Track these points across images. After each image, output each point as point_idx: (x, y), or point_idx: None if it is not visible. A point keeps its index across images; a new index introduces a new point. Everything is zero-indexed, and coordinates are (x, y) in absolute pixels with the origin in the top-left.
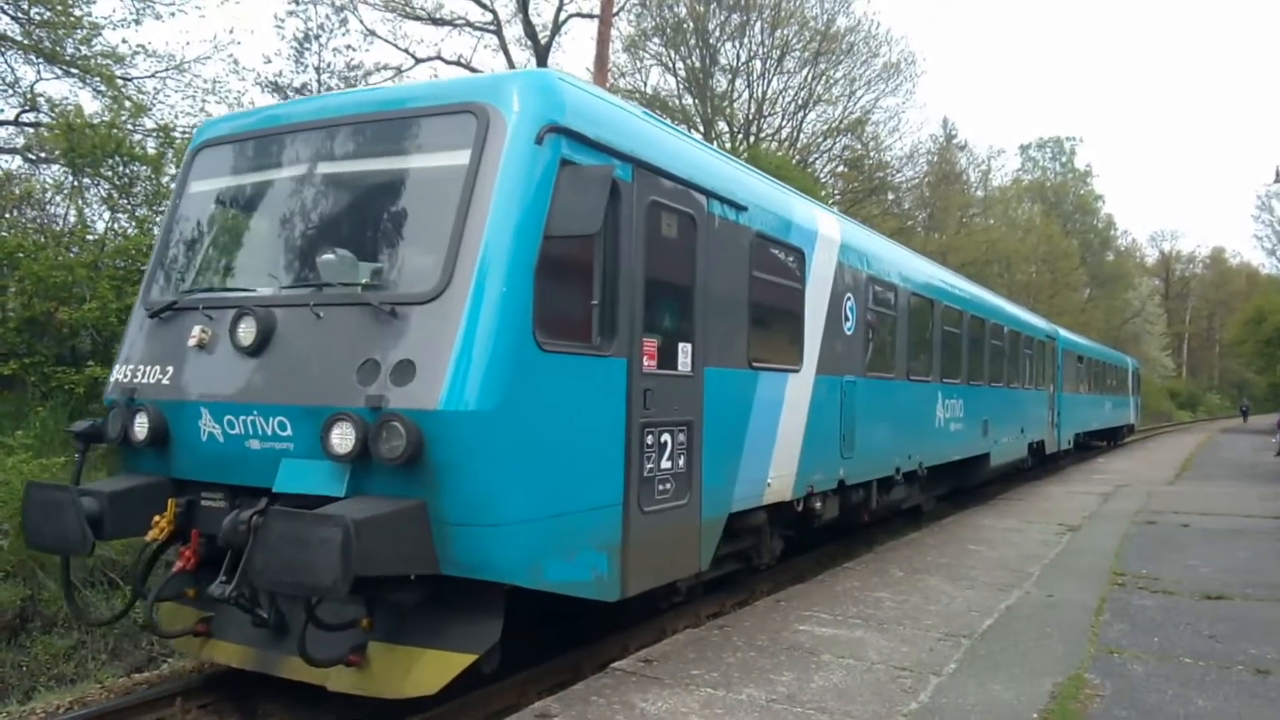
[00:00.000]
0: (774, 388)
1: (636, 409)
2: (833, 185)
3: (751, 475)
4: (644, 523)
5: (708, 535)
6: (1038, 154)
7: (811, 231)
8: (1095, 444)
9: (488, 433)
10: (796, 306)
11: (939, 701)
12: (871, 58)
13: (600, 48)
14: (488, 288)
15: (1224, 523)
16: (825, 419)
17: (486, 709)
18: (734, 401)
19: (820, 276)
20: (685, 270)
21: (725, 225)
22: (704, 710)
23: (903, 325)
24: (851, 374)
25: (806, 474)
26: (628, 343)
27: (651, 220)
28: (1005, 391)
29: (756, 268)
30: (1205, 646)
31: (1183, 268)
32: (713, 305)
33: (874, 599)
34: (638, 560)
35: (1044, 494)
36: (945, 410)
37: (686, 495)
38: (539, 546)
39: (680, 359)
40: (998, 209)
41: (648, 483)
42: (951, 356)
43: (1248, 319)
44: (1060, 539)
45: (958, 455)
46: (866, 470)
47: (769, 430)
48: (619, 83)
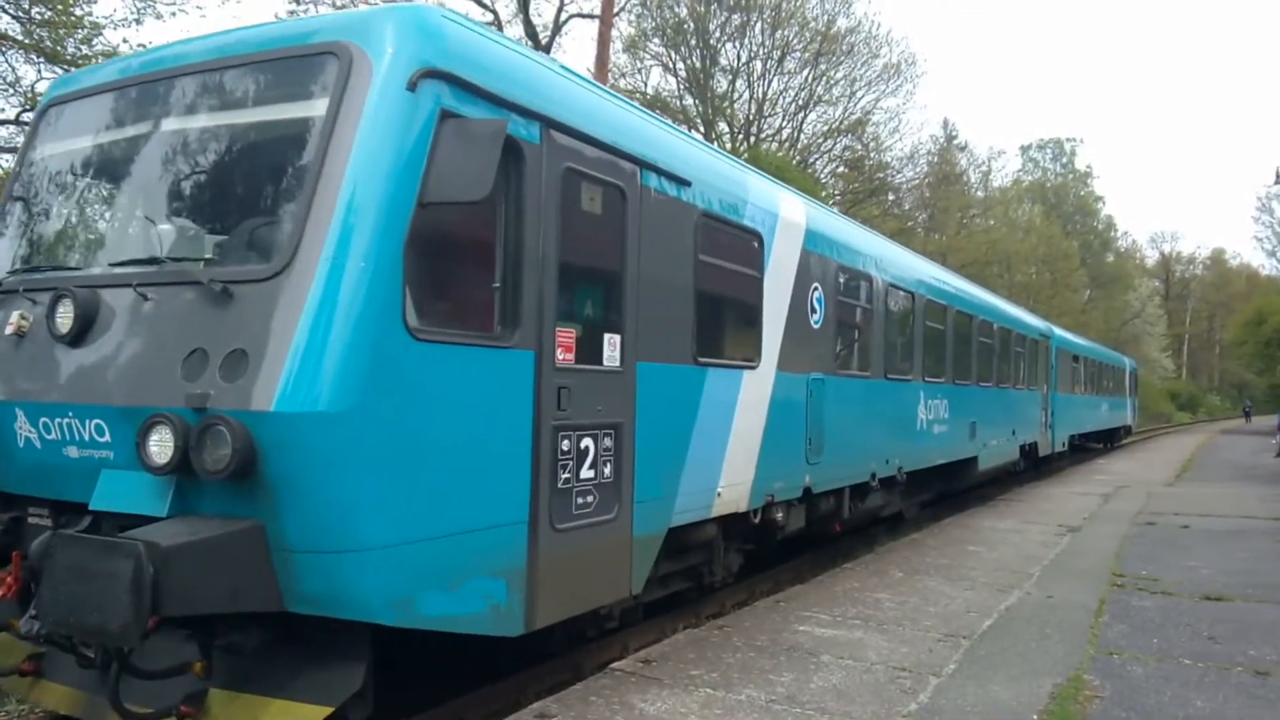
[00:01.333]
0: (725, 386)
1: (548, 410)
2: (833, 186)
3: (698, 484)
4: (557, 542)
5: (641, 554)
6: (1038, 155)
7: (771, 214)
8: (1092, 446)
9: (339, 439)
10: (753, 296)
11: (938, 702)
12: (872, 58)
13: (601, 48)
14: (341, 263)
15: (1224, 524)
16: (788, 421)
17: (485, 709)
18: (675, 401)
19: (782, 264)
20: (612, 251)
21: (664, 202)
22: (703, 711)
23: (879, 320)
24: (820, 372)
25: (765, 482)
26: (536, 333)
27: (568, 191)
28: (995, 392)
29: (704, 251)
30: (1205, 648)
31: (1183, 269)
32: (649, 292)
33: (873, 600)
34: (548, 586)
35: (1044, 495)
36: (928, 411)
37: (614, 508)
38: (411, 575)
39: (606, 352)
40: (998, 210)
41: (562, 495)
42: (936, 354)
43: (1248, 320)
44: (1060, 540)
45: (942, 459)
46: (837, 477)
47: (719, 434)
48: (619, 83)
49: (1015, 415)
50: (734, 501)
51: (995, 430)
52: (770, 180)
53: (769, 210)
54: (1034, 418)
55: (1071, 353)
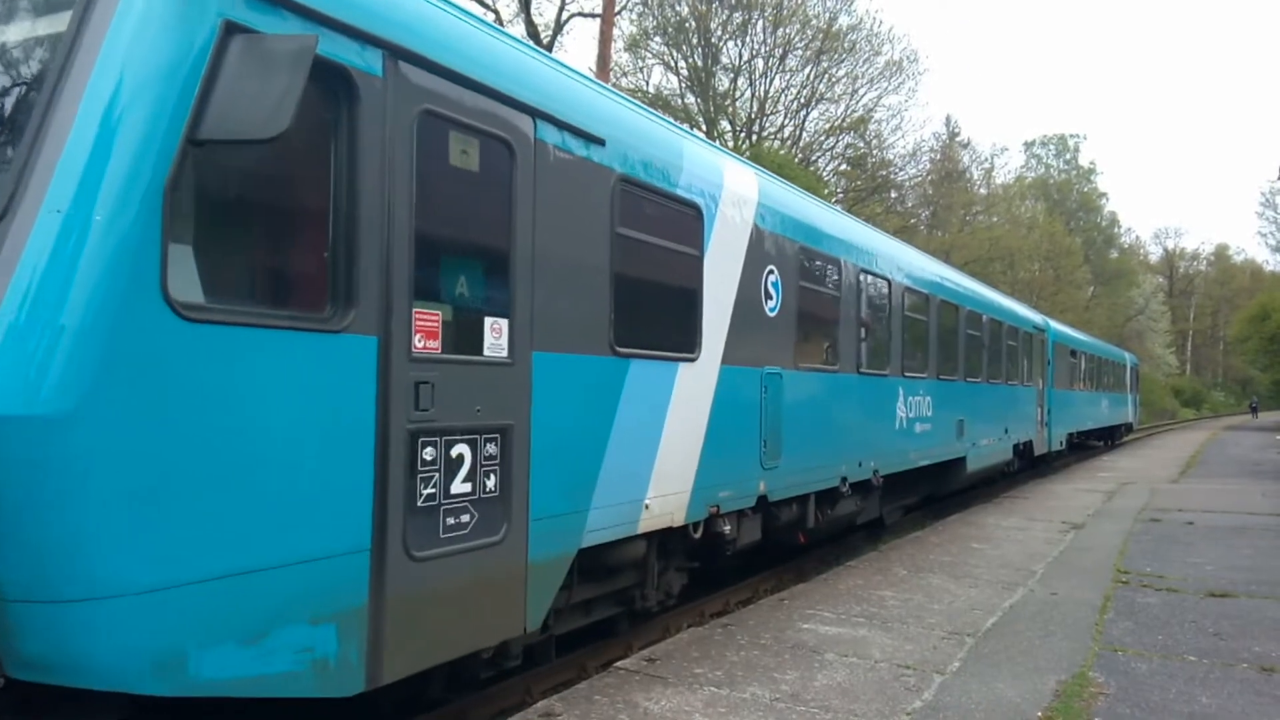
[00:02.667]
0: (654, 381)
1: (400, 410)
2: (836, 184)
3: (617, 496)
4: (416, 574)
5: (540, 581)
6: (1041, 151)
7: (713, 184)
8: (1092, 444)
9: (62, 450)
10: (690, 278)
11: (943, 700)
12: (874, 56)
13: (602, 47)
14: (73, 215)
15: (1228, 520)
16: (737, 421)
17: (491, 708)
18: (586, 399)
19: (727, 242)
20: (496, 218)
21: (569, 162)
22: (707, 709)
23: (850, 310)
24: (776, 365)
25: (708, 490)
26: (381, 314)
27: (429, 140)
28: (985, 388)
29: (624, 224)
30: (1209, 644)
31: (1186, 265)
32: (549, 270)
33: (877, 597)
34: (402, 630)
35: (1048, 492)
36: (908, 409)
37: (500, 529)
38: (182, 629)
39: (489, 340)
40: (1001, 207)
41: (424, 516)
42: (917, 347)
43: (1252, 316)
44: (1064, 537)
45: (925, 460)
46: (799, 482)
47: (646, 436)
48: (621, 82)
49: (1008, 413)
50: (667, 514)
51: (985, 429)
52: (713, 146)
53: (710, 180)
54: (1029, 415)
55: (1069, 347)
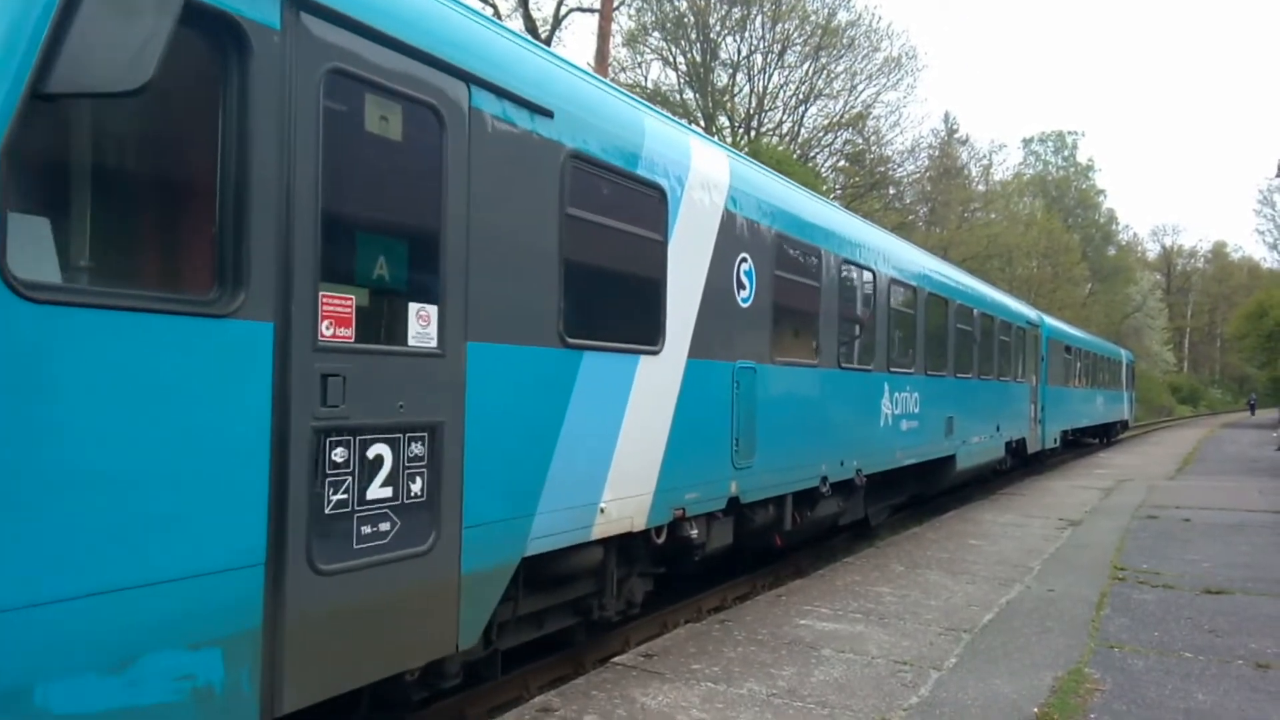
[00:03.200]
0: (611, 375)
1: (303, 405)
2: (834, 180)
3: (568, 499)
4: (322, 590)
5: (475, 594)
6: (1039, 148)
7: (678, 164)
8: (1088, 441)
9: None
10: (652, 265)
11: (939, 695)
12: (872, 52)
13: (601, 42)
14: None
15: (1225, 517)
16: (705, 418)
17: (488, 703)
18: (531, 394)
19: (695, 227)
20: (424, 193)
21: (510, 135)
22: (705, 704)
23: (831, 300)
24: (750, 359)
25: (672, 492)
26: (279, 297)
27: (339, 103)
28: (976, 384)
29: (575, 204)
30: (1206, 641)
31: (1184, 262)
32: (486, 252)
33: (874, 593)
34: (306, 652)
35: (1045, 488)
36: (894, 405)
37: (428, 537)
38: (27, 656)
39: (414, 328)
40: (999, 203)
41: (332, 524)
42: (904, 341)
43: (1249, 313)
44: (1061, 534)
45: (912, 459)
46: (775, 483)
47: (601, 434)
48: (619, 77)
49: (1000, 409)
50: (626, 518)
51: (976, 426)
52: (678, 124)
53: (675, 160)
54: (1022, 412)
55: (1064, 343)
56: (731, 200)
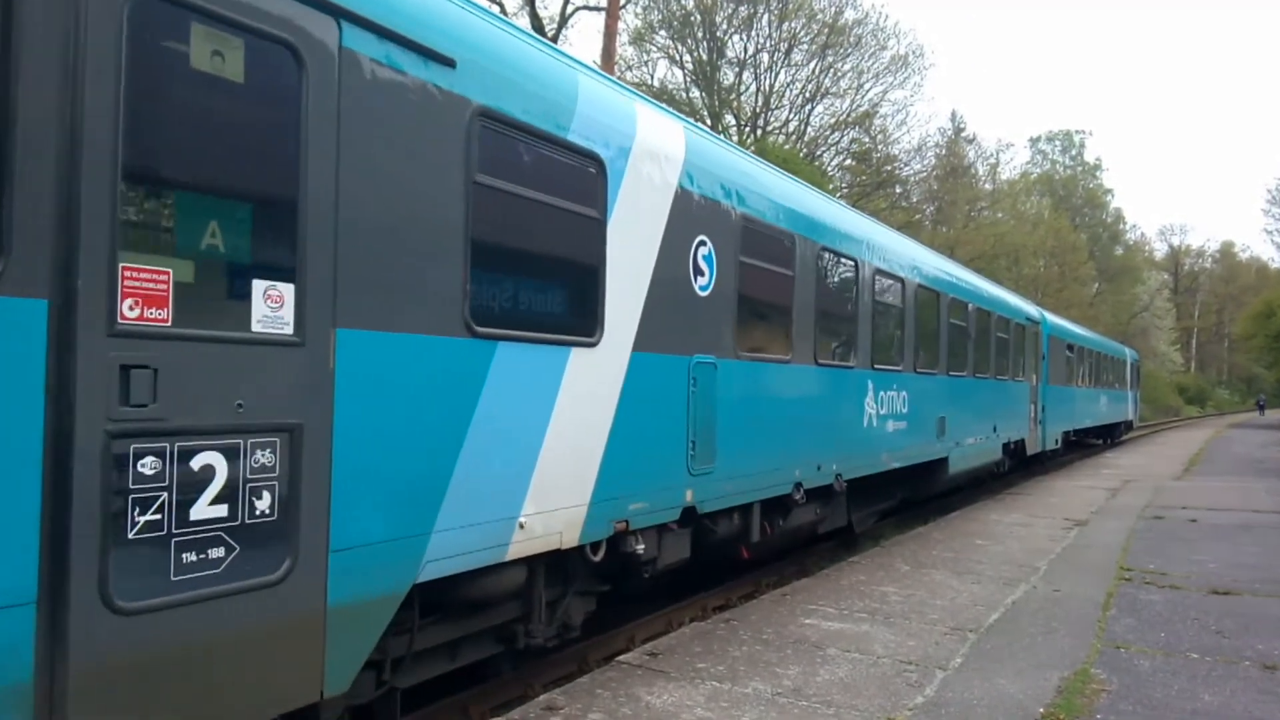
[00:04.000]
0: (533, 370)
1: (94, 403)
2: (840, 178)
3: (476, 514)
4: (124, 633)
5: (348, 630)
6: (1047, 147)
7: (621, 133)
8: (1091, 442)
9: None
10: (587, 246)
11: (944, 695)
12: (879, 50)
13: (607, 41)
14: None
15: (1232, 518)
16: (654, 419)
17: (492, 701)
18: (425, 391)
19: (642, 205)
20: (275, 147)
21: (398, 84)
22: (709, 703)
23: (806, 292)
24: (710, 353)
25: (613, 503)
26: (57, 268)
27: (147, 33)
28: (971, 383)
29: (486, 170)
30: (1212, 642)
31: (1192, 262)
32: (363, 222)
33: (880, 593)
34: (102, 709)
35: (1051, 489)
36: (879, 405)
37: (280, 565)
38: None
39: (261, 311)
40: (1006, 203)
41: (142, 551)
42: (890, 337)
43: (1257, 313)
44: (1067, 534)
45: (899, 462)
46: (739, 490)
47: (522, 439)
48: (626, 76)
49: (997, 409)
50: (554, 533)
51: (971, 427)
52: (622, 87)
53: (616, 128)
54: (1021, 412)
55: (1066, 341)
56: (687, 177)
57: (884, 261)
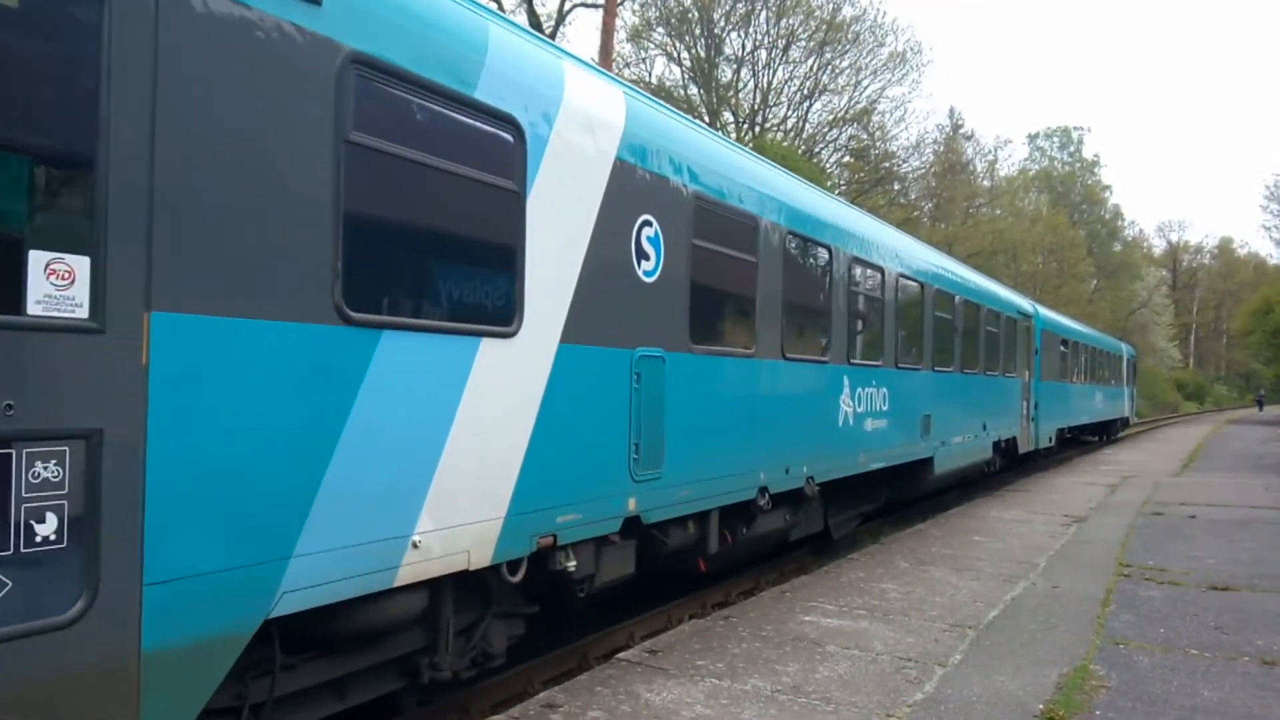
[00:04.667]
0: (430, 364)
1: None
2: (839, 175)
3: (353, 533)
4: None
5: (172, 678)
6: (1045, 143)
7: (544, 95)
8: (1087, 439)
9: None
10: (501, 221)
11: (944, 692)
12: (877, 47)
13: (605, 38)
14: None
15: (1231, 514)
16: (588, 419)
17: (493, 698)
18: (280, 387)
19: (570, 177)
20: (61, 86)
21: (241, 21)
22: (709, 701)
23: (772, 279)
24: (658, 346)
25: (536, 515)
26: None
27: None
28: (958, 378)
29: (362, 127)
30: (1211, 638)
31: (1190, 258)
32: (194, 184)
33: (879, 590)
34: None
35: (1050, 485)
36: (857, 403)
37: (74, 602)
38: None
39: (42, 289)
40: (1004, 199)
41: None
42: (868, 330)
43: (1255, 309)
44: (1066, 530)
45: (879, 463)
46: (693, 496)
47: (415, 444)
48: (624, 73)
49: (986, 406)
50: (458, 552)
51: (958, 425)
52: (547, 44)
53: (538, 90)
54: (1013, 409)
55: (1060, 336)
56: (629, 148)
57: (861, 250)
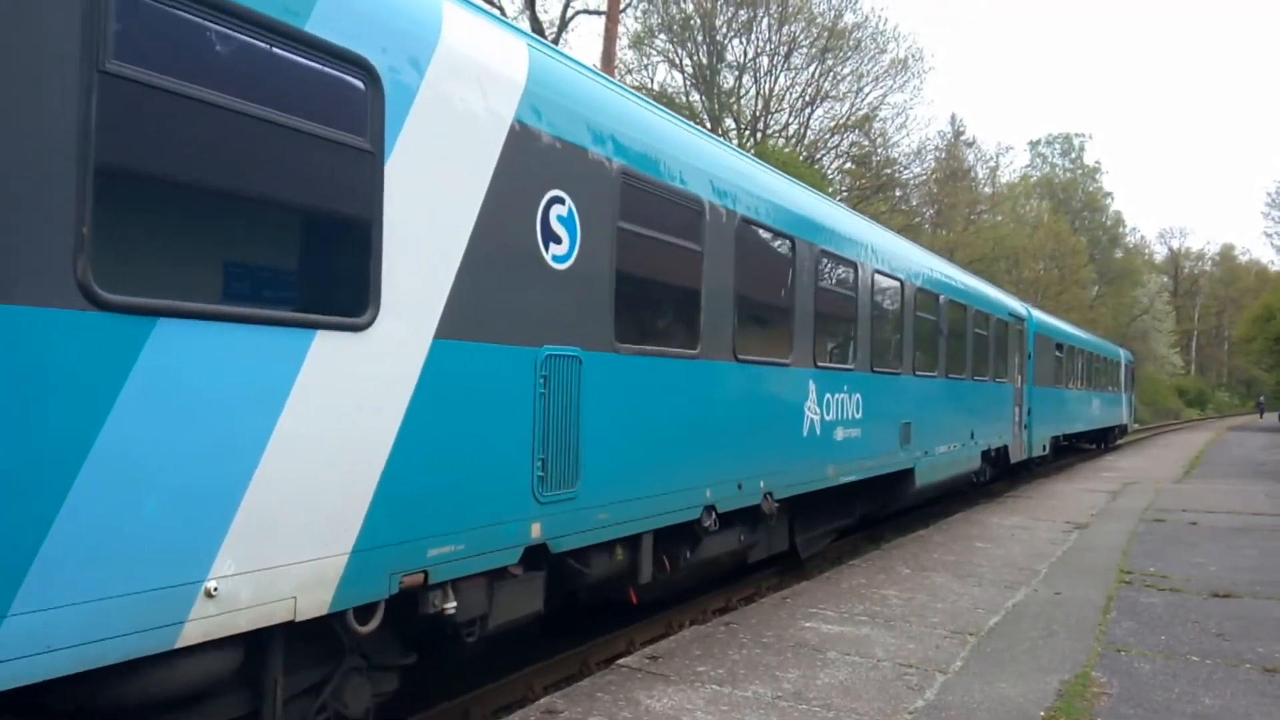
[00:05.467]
0: (235, 360)
1: None
2: (840, 182)
3: (107, 583)
4: None
5: None
6: (1046, 150)
7: (413, 36)
8: (1084, 446)
9: None
10: (348, 187)
11: (945, 699)
12: (879, 54)
13: (607, 44)
14: None
15: (1232, 520)
16: (474, 429)
17: (493, 704)
18: None
19: (448, 139)
20: None
21: None
22: (709, 707)
23: (720, 271)
24: (572, 344)
25: (396, 549)
26: None
27: None
28: (943, 384)
29: (126, 56)
30: (1213, 645)
31: (1191, 265)
32: None
33: (880, 596)
34: None
35: (1052, 491)
36: (825, 410)
37: None
38: None
39: None
40: (1006, 206)
41: None
42: (840, 331)
43: (1256, 316)
44: (1068, 536)
45: (852, 475)
46: (619, 518)
47: (210, 463)
48: (626, 79)
49: (975, 413)
50: (278, 600)
51: (943, 433)
52: None
53: (403, 28)
54: (1004, 416)
55: (1054, 340)
56: (531, 110)
57: (830, 242)
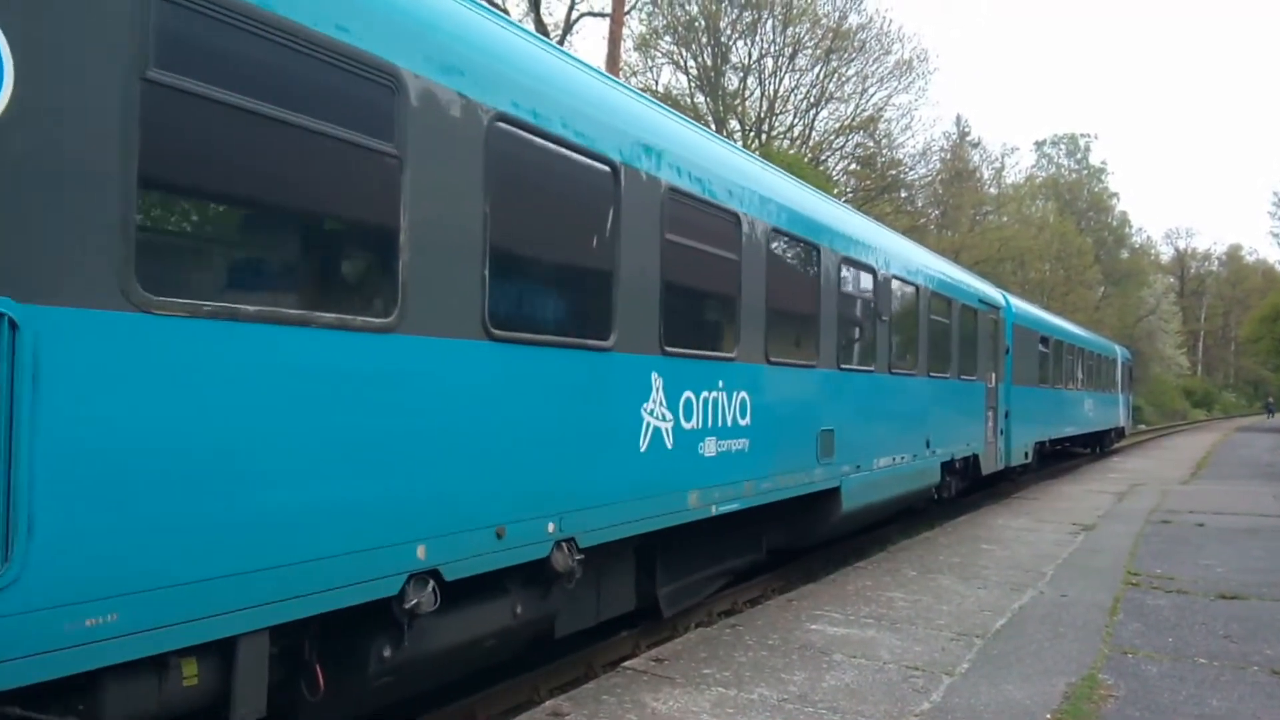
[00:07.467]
0: None
1: None
2: (845, 183)
3: None
4: None
5: None
6: (1052, 151)
7: None
8: (1078, 451)
9: None
10: None
11: (951, 701)
12: (884, 55)
13: (612, 46)
14: None
15: (1240, 522)
16: None
17: (499, 706)
18: None
19: None
20: None
21: None
22: (715, 710)
23: (433, 192)
24: None
25: None
26: None
27: None
28: (883, 381)
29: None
30: (1220, 647)
31: (1198, 265)
32: None
33: (886, 598)
34: None
35: (1058, 493)
36: (683, 414)
37: None
38: None
39: None
40: (1011, 206)
41: None
42: (713, 308)
43: (1264, 316)
44: (1074, 538)
45: (731, 503)
46: (160, 618)
47: None
48: (631, 81)
49: (931, 417)
50: None
51: (882, 442)
52: None
53: None
54: (973, 420)
55: (1038, 333)
56: None
57: (691, 180)
